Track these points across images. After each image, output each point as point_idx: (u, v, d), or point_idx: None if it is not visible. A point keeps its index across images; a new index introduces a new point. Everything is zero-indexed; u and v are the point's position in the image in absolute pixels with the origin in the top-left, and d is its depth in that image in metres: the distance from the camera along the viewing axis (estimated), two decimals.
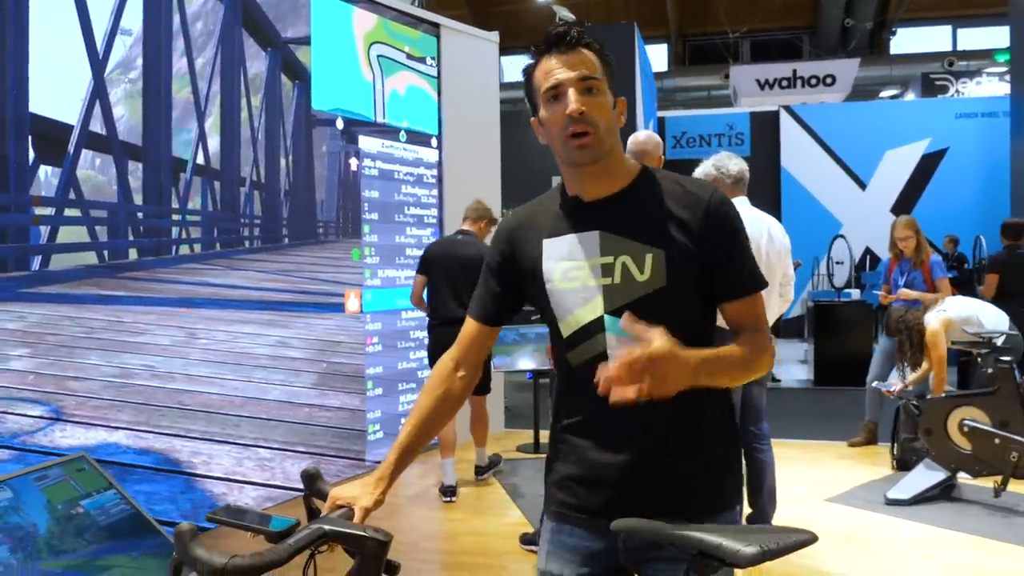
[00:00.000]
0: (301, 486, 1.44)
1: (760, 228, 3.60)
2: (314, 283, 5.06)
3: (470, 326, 1.55)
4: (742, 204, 3.66)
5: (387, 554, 1.26)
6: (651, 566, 1.44)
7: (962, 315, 4.83)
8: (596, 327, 1.41)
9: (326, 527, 1.24)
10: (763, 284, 1.45)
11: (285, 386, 4.75)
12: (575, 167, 1.42)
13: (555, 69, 1.38)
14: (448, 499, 4.66)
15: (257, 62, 4.77)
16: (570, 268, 1.43)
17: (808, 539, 1.19)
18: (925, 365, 4.90)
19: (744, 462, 3.35)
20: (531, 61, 1.43)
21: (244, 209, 4.69)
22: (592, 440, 1.46)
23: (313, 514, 1.42)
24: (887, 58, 16.67)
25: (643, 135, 3.50)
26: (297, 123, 4.97)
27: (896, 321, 5.09)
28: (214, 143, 4.48)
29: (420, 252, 5.87)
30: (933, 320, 4.84)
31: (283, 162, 4.92)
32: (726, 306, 1.45)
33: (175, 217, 4.28)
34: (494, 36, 6.53)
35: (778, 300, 3.70)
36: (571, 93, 1.36)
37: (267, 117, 4.82)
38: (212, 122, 4.48)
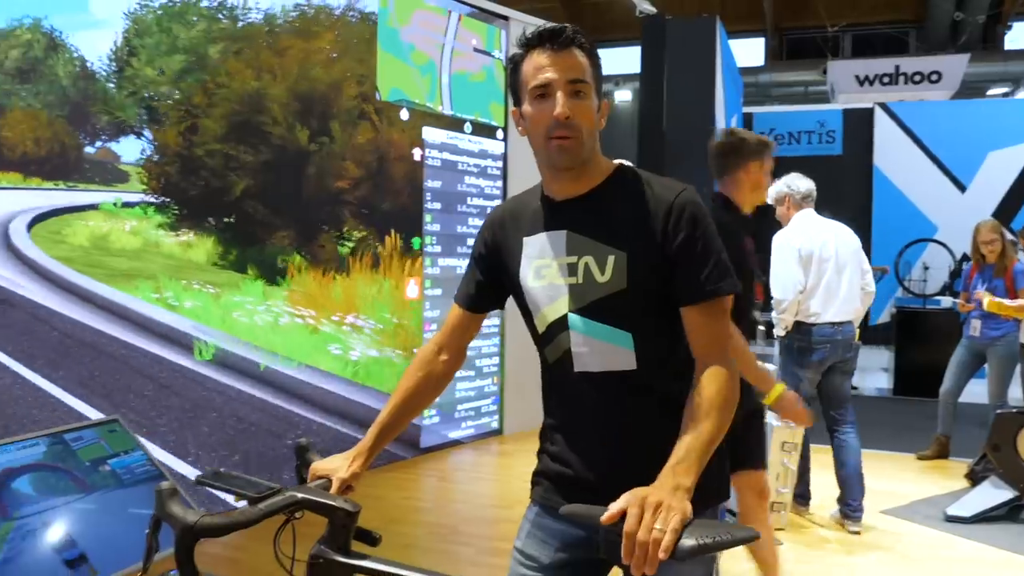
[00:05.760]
0: None
1: (825, 232, 3.99)
2: None
3: (454, 311, 1.60)
4: (807, 215, 4.05)
5: (356, 523, 1.33)
6: None
7: None
8: (563, 325, 1.44)
9: (298, 495, 1.32)
10: (725, 290, 1.38)
11: None
12: (552, 167, 1.44)
13: (545, 67, 1.37)
14: None
15: None
16: (541, 266, 1.46)
17: (749, 536, 1.17)
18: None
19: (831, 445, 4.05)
20: (519, 51, 1.42)
21: None
22: (571, 438, 1.49)
23: (304, 484, 1.51)
24: (1001, 54, 15.74)
25: None
26: None
27: None
28: None
29: None
30: None
31: None
32: (683, 311, 1.40)
33: None
34: None
35: (860, 293, 4.00)
36: (559, 96, 1.36)
37: None
38: None
